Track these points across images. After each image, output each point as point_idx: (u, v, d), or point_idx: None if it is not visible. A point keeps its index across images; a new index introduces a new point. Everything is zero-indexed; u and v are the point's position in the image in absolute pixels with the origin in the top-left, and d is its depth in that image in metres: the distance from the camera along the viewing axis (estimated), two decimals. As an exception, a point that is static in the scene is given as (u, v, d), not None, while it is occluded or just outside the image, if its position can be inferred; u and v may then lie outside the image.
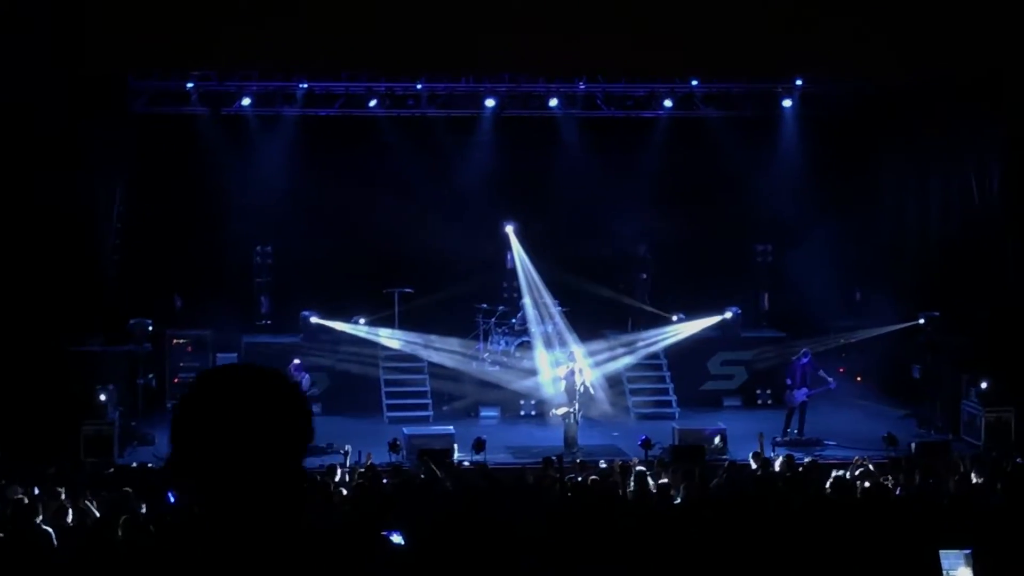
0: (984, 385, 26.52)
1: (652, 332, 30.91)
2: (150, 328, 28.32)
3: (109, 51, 26.05)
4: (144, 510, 14.96)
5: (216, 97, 30.03)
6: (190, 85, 29.55)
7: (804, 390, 27.18)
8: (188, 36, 26.32)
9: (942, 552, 11.72)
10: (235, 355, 29.23)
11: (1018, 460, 20.49)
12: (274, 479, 3.44)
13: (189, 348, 29.46)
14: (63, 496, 16.24)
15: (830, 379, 27.69)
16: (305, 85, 29.90)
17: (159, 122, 29.90)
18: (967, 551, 11.67)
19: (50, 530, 13.93)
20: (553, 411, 27.89)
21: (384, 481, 18.75)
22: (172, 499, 14.63)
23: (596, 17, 25.79)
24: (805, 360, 27.51)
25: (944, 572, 11.59)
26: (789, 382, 27.59)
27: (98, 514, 15.49)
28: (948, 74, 27.98)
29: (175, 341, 29.58)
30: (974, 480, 17.96)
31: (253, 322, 31.14)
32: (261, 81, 29.94)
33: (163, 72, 29.14)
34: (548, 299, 30.47)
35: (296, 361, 27.47)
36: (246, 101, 30.04)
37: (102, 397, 25.13)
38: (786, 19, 26.23)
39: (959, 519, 13.85)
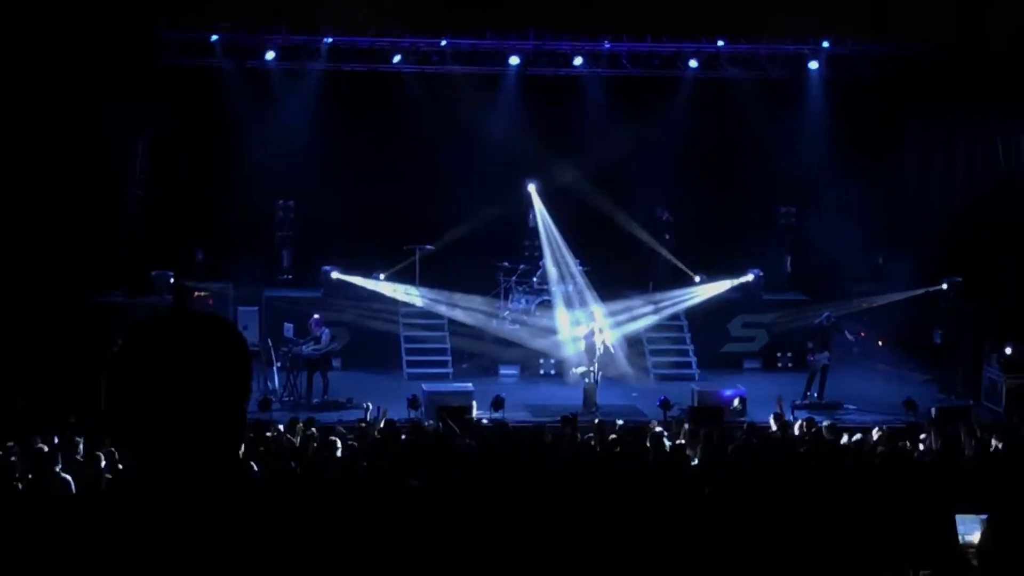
0: (1008, 351, 26.41)
1: (673, 293, 30.82)
2: (172, 280, 28.42)
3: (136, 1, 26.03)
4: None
5: (241, 50, 29.97)
6: (215, 38, 29.47)
7: (826, 353, 27.12)
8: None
9: (958, 517, 11.71)
10: (256, 308, 29.31)
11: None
12: (215, 426, 3.37)
13: (210, 301, 29.43)
14: (81, 446, 16.34)
15: (853, 341, 27.63)
16: (330, 40, 29.81)
17: (185, 74, 29.83)
18: (984, 516, 11.65)
19: (69, 478, 14.02)
20: (573, 370, 27.91)
21: (403, 437, 18.81)
22: None
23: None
24: (827, 323, 27.47)
25: (960, 536, 11.59)
26: (811, 345, 27.57)
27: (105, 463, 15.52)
28: (976, 38, 27.78)
29: (196, 294, 29.58)
30: (993, 446, 17.92)
31: (274, 276, 31.17)
32: (287, 35, 29.87)
33: (191, 24, 29.06)
34: (569, 258, 30.42)
35: (316, 316, 27.49)
36: (271, 55, 29.99)
37: (121, 347, 25.18)
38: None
39: (977, 485, 13.83)
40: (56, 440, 16.93)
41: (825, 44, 30.80)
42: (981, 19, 26.76)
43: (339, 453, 16.45)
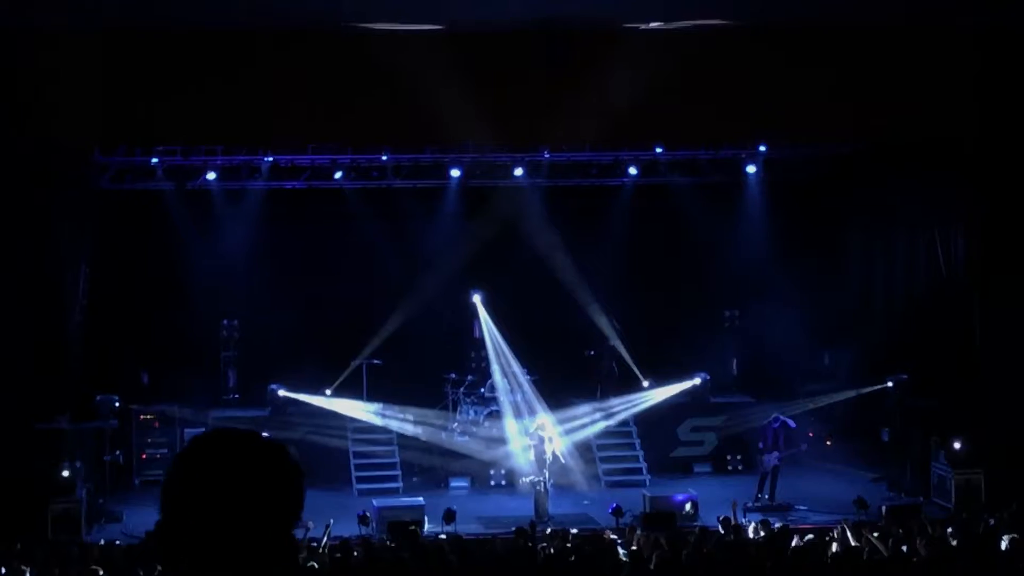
0: (957, 445, 26.53)
1: (621, 399, 30.84)
2: (117, 404, 28.13)
3: (74, 126, 25.97)
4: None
5: (181, 172, 29.94)
6: (155, 160, 29.45)
7: (775, 454, 27.17)
8: (152, 111, 26.25)
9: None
10: (202, 430, 28.93)
11: (990, 522, 20.50)
12: (267, 548, 3.37)
13: (156, 424, 29.26)
14: (28, 574, 16.09)
15: (802, 443, 27.71)
16: (270, 158, 29.86)
17: (124, 197, 29.82)
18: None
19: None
20: (523, 480, 27.81)
21: (355, 555, 18.63)
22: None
23: (558, 88, 25.82)
24: (776, 424, 27.54)
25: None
26: (761, 446, 27.63)
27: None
28: (911, 140, 28.16)
29: (142, 417, 29.39)
30: (945, 543, 17.94)
31: (220, 396, 30.98)
32: (226, 155, 29.87)
33: (128, 147, 29.03)
34: (516, 368, 30.42)
35: (264, 435, 27.17)
36: (211, 175, 29.99)
37: (66, 473, 24.92)
38: (749, 85, 26.38)
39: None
40: (3, 570, 16.67)
41: (762, 148, 31.08)
42: (913, 121, 27.12)
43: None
